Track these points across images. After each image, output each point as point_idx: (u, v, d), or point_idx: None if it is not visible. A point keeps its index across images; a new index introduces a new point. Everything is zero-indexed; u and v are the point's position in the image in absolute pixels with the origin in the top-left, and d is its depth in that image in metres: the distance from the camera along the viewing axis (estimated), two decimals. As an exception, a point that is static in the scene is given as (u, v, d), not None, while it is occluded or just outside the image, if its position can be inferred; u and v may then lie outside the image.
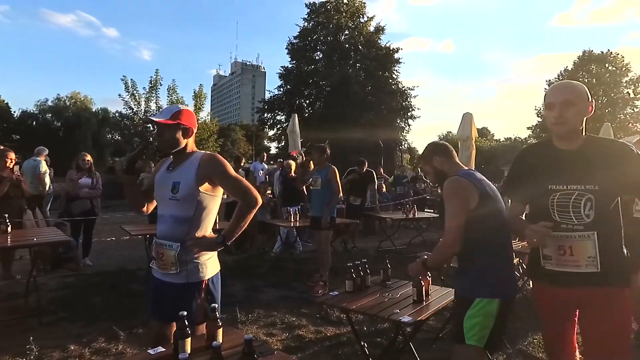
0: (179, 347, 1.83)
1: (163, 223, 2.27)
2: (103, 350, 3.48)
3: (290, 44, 32.27)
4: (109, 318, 4.17)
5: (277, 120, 33.72)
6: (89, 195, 6.19)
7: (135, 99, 21.58)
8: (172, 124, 2.23)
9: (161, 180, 2.31)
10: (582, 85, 1.93)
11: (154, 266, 2.32)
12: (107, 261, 6.65)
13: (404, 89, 31.94)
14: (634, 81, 38.44)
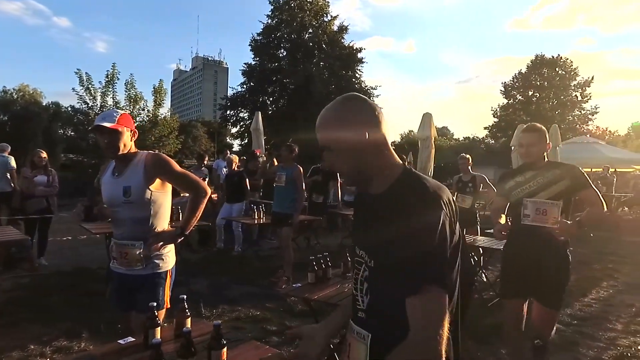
0: (149, 336, 1.91)
1: (121, 226, 2.36)
2: (65, 348, 3.46)
3: (253, 41, 32.03)
4: (69, 317, 4.13)
5: (240, 118, 33.45)
6: (45, 193, 6.03)
7: (90, 94, 20.80)
8: (120, 129, 2.29)
9: (110, 186, 2.38)
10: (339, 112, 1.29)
11: (115, 264, 2.40)
12: (64, 261, 6.49)
13: (366, 88, 32.34)
14: (582, 85, 40.40)
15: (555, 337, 3.90)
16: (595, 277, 6.16)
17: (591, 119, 40.85)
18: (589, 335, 4.04)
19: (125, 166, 2.35)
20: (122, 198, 2.29)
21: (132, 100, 21.50)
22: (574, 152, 15.48)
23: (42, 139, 34.35)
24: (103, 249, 6.81)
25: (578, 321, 4.41)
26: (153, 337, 1.90)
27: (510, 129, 36.46)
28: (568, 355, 3.63)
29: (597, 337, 4.03)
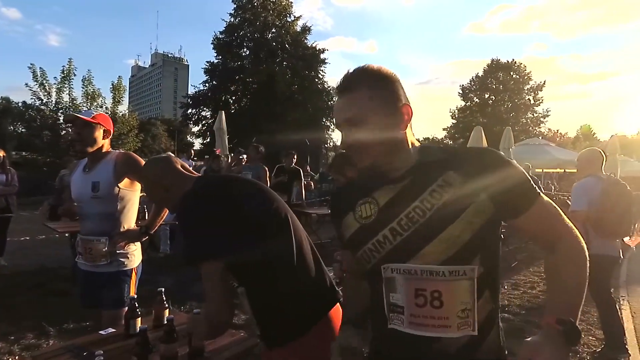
0: (130, 327, 2.04)
1: (88, 220, 2.44)
2: (33, 346, 3.48)
3: (216, 39, 31.77)
4: (35, 316, 4.12)
5: (202, 116, 33.10)
6: (4, 192, 5.92)
7: (45, 90, 20.06)
8: (94, 123, 2.40)
9: (79, 182, 2.47)
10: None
11: (80, 260, 2.49)
12: (24, 260, 6.40)
13: (329, 88, 32.69)
14: (534, 89, 42.39)
15: (504, 325, 4.25)
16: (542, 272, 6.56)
17: (543, 121, 42.87)
18: (535, 324, 4.32)
19: (96, 163, 2.44)
20: (90, 193, 2.37)
21: (90, 97, 20.91)
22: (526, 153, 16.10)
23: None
24: (63, 249, 6.81)
25: (526, 311, 4.74)
26: (134, 327, 2.04)
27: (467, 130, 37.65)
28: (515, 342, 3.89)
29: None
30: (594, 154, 3.93)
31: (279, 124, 27.76)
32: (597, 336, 4.06)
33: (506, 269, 6.57)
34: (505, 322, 4.30)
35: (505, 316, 4.51)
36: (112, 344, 1.95)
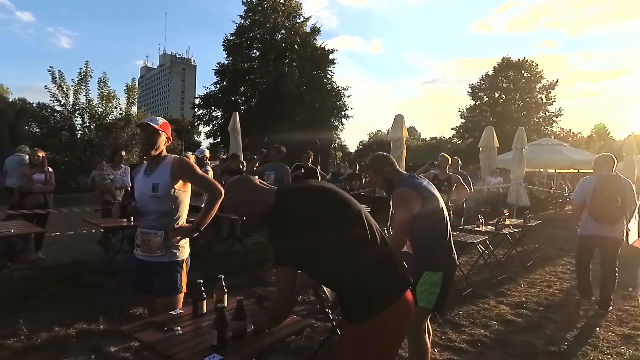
0: (197, 308, 2.32)
1: (147, 217, 2.76)
2: (86, 330, 3.78)
3: (226, 41, 32.11)
4: (79, 305, 4.42)
5: (213, 117, 33.46)
6: (42, 190, 6.27)
7: (63, 91, 20.53)
8: (161, 130, 2.73)
9: (142, 183, 2.80)
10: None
11: (138, 251, 2.80)
12: (58, 255, 6.70)
13: (338, 88, 32.94)
14: (546, 87, 41.89)
15: (522, 321, 4.49)
16: (558, 271, 6.73)
17: (555, 120, 42.33)
18: (553, 320, 4.55)
19: (155, 166, 2.76)
20: (150, 193, 2.69)
21: (105, 98, 21.33)
22: (539, 153, 16.07)
23: (8, 135, 33.29)
24: (92, 244, 7.12)
25: (544, 308, 4.93)
26: (201, 308, 2.33)
27: (477, 129, 37.63)
28: (532, 335, 4.11)
29: (560, 321, 4.54)
30: (606, 159, 4.93)
31: (288, 124, 28.10)
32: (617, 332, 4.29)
33: (522, 267, 6.80)
34: (524, 318, 4.55)
35: (524, 312, 4.74)
36: (184, 322, 2.23)
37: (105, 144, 20.24)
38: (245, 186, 1.99)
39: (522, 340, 3.96)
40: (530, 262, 7.09)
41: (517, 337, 4.04)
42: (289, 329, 2.21)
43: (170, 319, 2.27)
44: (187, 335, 2.08)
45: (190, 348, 1.92)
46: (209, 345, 1.93)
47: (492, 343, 3.89)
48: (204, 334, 2.09)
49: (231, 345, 1.95)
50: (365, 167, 3.60)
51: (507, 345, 3.87)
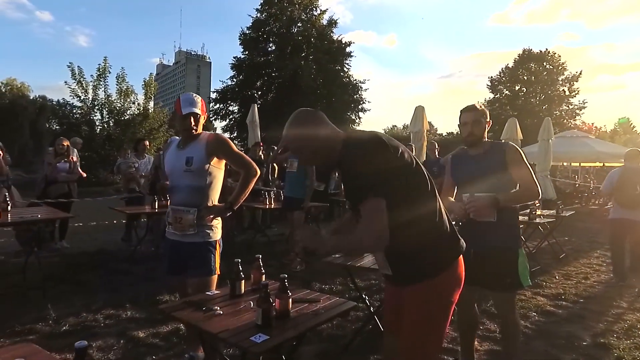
0: (235, 287, 2.19)
1: (179, 192, 2.62)
2: (114, 315, 3.71)
3: (242, 35, 32.02)
4: (106, 291, 4.38)
5: (230, 111, 33.48)
6: (67, 179, 6.25)
7: (82, 87, 20.75)
8: (201, 114, 2.66)
9: (174, 156, 2.68)
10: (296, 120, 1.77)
11: (170, 229, 2.67)
12: (82, 244, 6.69)
13: (355, 81, 32.64)
14: (569, 79, 40.62)
15: (563, 312, 4.28)
16: (593, 264, 6.50)
17: (579, 113, 41.02)
18: (596, 311, 4.33)
19: (190, 141, 2.64)
20: (183, 166, 2.57)
21: (123, 93, 21.49)
22: (565, 145, 15.68)
23: (29, 132, 33.95)
24: (115, 234, 7.11)
25: (584, 300, 4.71)
26: (239, 288, 2.21)
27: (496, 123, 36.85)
28: (577, 326, 3.90)
29: (603, 312, 4.32)
30: (636, 153, 5.56)
31: (305, 118, 27.91)
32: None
33: (554, 260, 6.57)
34: (564, 310, 4.35)
35: (563, 304, 4.53)
36: (222, 302, 2.11)
37: (123, 138, 20.40)
38: (318, 117, 1.74)
39: (566, 331, 3.77)
40: (562, 254, 6.84)
41: (560, 328, 3.85)
42: (334, 310, 2.08)
43: (208, 299, 2.15)
44: (228, 315, 1.96)
45: (234, 328, 1.80)
46: (253, 324, 1.82)
47: (534, 334, 3.71)
48: (244, 314, 1.97)
49: (275, 324, 1.83)
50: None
51: (550, 335, 3.68)
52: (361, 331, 3.44)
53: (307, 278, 5.11)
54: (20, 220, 4.10)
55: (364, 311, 3.80)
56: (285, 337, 1.76)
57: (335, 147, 1.68)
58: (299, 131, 1.70)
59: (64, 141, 6.34)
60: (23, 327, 3.36)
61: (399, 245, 1.64)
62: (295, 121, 1.73)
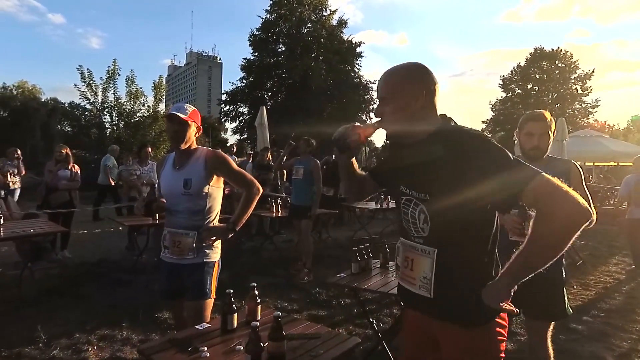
0: (227, 322, 1.99)
1: (177, 215, 2.45)
2: (108, 336, 3.54)
3: (252, 36, 31.88)
4: (104, 305, 4.22)
5: (240, 113, 33.37)
6: (68, 187, 6.12)
7: (92, 89, 20.76)
8: (189, 122, 2.40)
9: (170, 178, 2.49)
10: (403, 71, 1.50)
11: (166, 254, 2.49)
12: (85, 252, 6.56)
13: (365, 82, 32.35)
14: (582, 77, 39.93)
15: (584, 328, 4.03)
16: (612, 272, 6.24)
17: (592, 112, 40.30)
18: (619, 327, 4.08)
19: (187, 160, 2.45)
20: (182, 189, 2.39)
21: (133, 95, 21.47)
22: (579, 145, 15.37)
23: (41, 134, 34.23)
24: (119, 242, 6.98)
25: (604, 313, 4.46)
26: (231, 322, 2.01)
27: (508, 122, 36.40)
28: (599, 345, 3.66)
29: (627, 328, 4.06)
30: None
31: (315, 118, 27.69)
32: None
33: (572, 267, 6.28)
34: (585, 325, 4.09)
35: (584, 319, 4.27)
36: (212, 339, 1.91)
37: (133, 141, 20.37)
38: (430, 75, 1.48)
39: (589, 352, 3.53)
40: (580, 261, 6.55)
41: (582, 347, 3.60)
42: (336, 350, 1.87)
43: (197, 335, 1.95)
44: (215, 356, 1.75)
45: (220, 375, 1.60)
46: (242, 371, 1.61)
47: (557, 355, 3.44)
48: (233, 356, 1.76)
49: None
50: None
51: (573, 356, 3.44)
52: (369, 356, 3.22)
53: (314, 290, 4.91)
54: (12, 236, 3.95)
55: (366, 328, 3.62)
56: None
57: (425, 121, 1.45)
58: (403, 81, 1.46)
59: (63, 148, 6.21)
60: (11, 351, 3.19)
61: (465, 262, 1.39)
62: (406, 71, 1.48)
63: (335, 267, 6.12)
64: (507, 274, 1.31)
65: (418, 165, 1.44)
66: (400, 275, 1.57)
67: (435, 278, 1.40)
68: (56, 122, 37.80)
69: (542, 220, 1.22)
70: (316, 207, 5.83)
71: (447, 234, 1.40)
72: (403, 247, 1.55)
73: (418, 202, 1.44)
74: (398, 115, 1.46)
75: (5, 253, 6.21)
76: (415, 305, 1.53)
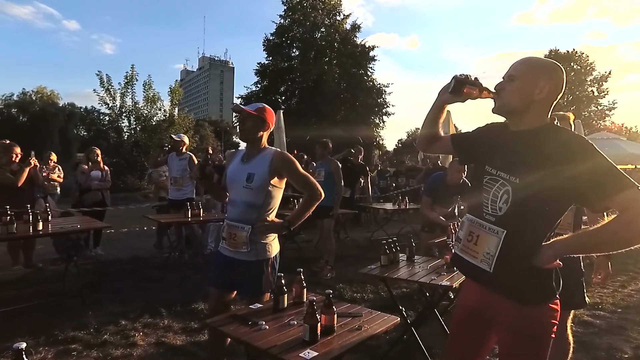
0: (279, 302, 2.21)
1: (235, 207, 2.58)
2: (151, 324, 3.78)
3: (266, 41, 32.25)
4: (142, 299, 4.45)
5: (254, 117, 33.68)
6: (100, 187, 6.41)
7: (110, 95, 21.21)
8: (255, 115, 2.56)
9: (236, 169, 2.63)
10: (542, 63, 1.66)
11: (223, 244, 2.63)
12: (115, 251, 6.83)
13: (379, 85, 32.48)
14: (598, 80, 39.37)
15: (602, 322, 4.17)
16: (630, 271, 6.31)
17: (608, 114, 39.71)
18: (636, 322, 4.20)
19: (254, 156, 2.58)
20: (244, 182, 2.51)
21: (150, 100, 21.85)
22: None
23: (59, 139, 34.91)
24: (147, 241, 7.22)
25: (622, 309, 4.59)
26: (282, 302, 2.22)
27: (521, 126, 36.08)
28: (617, 338, 3.79)
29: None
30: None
31: (329, 122, 27.92)
32: None
33: (587, 266, 6.35)
34: (602, 320, 4.23)
35: (601, 314, 4.41)
36: (266, 317, 2.12)
37: (150, 144, 20.76)
38: (562, 79, 1.65)
39: (607, 343, 3.67)
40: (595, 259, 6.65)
41: (600, 340, 3.75)
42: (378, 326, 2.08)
43: (252, 313, 2.17)
44: (273, 330, 1.97)
45: (282, 344, 1.81)
46: (300, 340, 1.83)
47: (575, 346, 3.60)
48: (289, 329, 1.98)
49: (321, 340, 1.83)
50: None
51: (591, 347, 3.59)
52: (397, 343, 3.41)
53: (338, 286, 5.11)
54: (62, 231, 4.22)
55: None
56: (332, 354, 1.75)
57: (537, 113, 1.60)
58: (539, 70, 1.60)
59: (95, 150, 6.51)
60: (65, 335, 3.44)
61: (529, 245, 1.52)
62: (544, 63, 1.64)
63: (355, 265, 6.31)
64: (566, 243, 1.48)
65: (518, 151, 1.57)
66: (461, 247, 1.71)
67: (498, 255, 1.54)
68: (73, 127, 38.51)
69: (623, 224, 1.35)
70: (338, 206, 6.03)
71: (522, 217, 1.53)
72: (469, 223, 1.69)
73: (506, 183, 1.56)
74: (517, 96, 1.59)
75: (40, 251, 6.49)
76: (473, 275, 1.69)
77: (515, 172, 1.55)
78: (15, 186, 4.97)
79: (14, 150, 5.18)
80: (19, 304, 4.05)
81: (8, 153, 5.13)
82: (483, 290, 1.64)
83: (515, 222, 1.54)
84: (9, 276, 5.20)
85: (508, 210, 1.55)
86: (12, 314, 3.86)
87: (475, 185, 1.74)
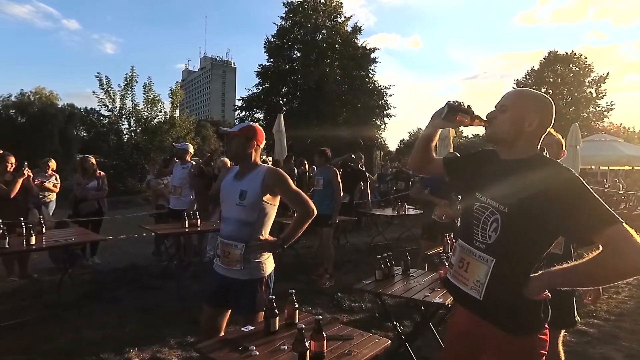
0: (270, 325, 2.20)
1: (229, 224, 2.57)
2: (148, 337, 3.76)
3: (267, 42, 32.21)
4: (139, 310, 4.45)
5: (255, 119, 33.61)
6: (97, 196, 6.40)
7: (110, 96, 21.17)
8: (239, 134, 2.58)
9: (229, 187, 2.63)
10: (533, 96, 1.68)
11: (217, 262, 2.63)
12: (113, 259, 6.81)
13: (380, 87, 32.45)
14: (596, 81, 39.56)
15: (595, 331, 4.17)
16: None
17: (606, 115, 39.95)
18: (629, 330, 4.21)
19: (247, 173, 2.59)
20: (237, 199, 2.51)
21: (150, 102, 21.83)
22: (593, 149, 15.35)
23: (59, 140, 34.79)
24: (145, 248, 7.22)
25: (615, 317, 4.59)
26: (274, 325, 2.21)
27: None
28: (610, 347, 3.80)
29: (637, 331, 4.19)
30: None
31: (330, 124, 27.94)
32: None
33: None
34: (596, 328, 4.24)
35: (595, 322, 4.41)
36: (257, 340, 2.11)
37: (150, 147, 20.77)
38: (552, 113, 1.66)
39: (600, 353, 3.69)
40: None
41: (593, 349, 3.76)
42: (369, 350, 2.06)
43: (243, 337, 2.16)
44: (264, 355, 1.96)
45: (271, 372, 1.81)
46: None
47: (568, 356, 3.60)
48: (279, 354, 1.97)
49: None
50: None
51: (584, 357, 3.61)
52: (392, 357, 3.40)
53: (336, 295, 5.10)
54: (56, 245, 4.19)
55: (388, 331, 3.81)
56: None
57: (526, 144, 1.64)
58: (529, 102, 1.64)
59: (91, 158, 6.47)
60: (60, 351, 3.43)
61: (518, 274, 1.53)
62: (536, 96, 1.67)
63: (354, 271, 6.31)
64: (554, 275, 1.48)
65: (507, 180, 1.59)
66: (453, 273, 1.72)
67: (488, 284, 1.55)
68: (73, 128, 38.36)
69: (608, 259, 1.36)
70: (336, 214, 6.02)
71: (510, 246, 1.54)
72: (461, 249, 1.70)
73: (495, 211, 1.58)
74: (507, 126, 1.63)
75: (35, 260, 6.48)
76: (464, 302, 1.69)
77: (504, 202, 1.56)
78: (9, 197, 4.93)
79: (9, 160, 5.14)
80: (14, 317, 4.04)
81: (2, 163, 5.09)
82: (474, 316, 1.65)
83: (504, 250, 1.55)
84: (4, 288, 5.16)
85: (497, 239, 1.56)
86: (7, 327, 3.85)
87: (466, 211, 1.76)
